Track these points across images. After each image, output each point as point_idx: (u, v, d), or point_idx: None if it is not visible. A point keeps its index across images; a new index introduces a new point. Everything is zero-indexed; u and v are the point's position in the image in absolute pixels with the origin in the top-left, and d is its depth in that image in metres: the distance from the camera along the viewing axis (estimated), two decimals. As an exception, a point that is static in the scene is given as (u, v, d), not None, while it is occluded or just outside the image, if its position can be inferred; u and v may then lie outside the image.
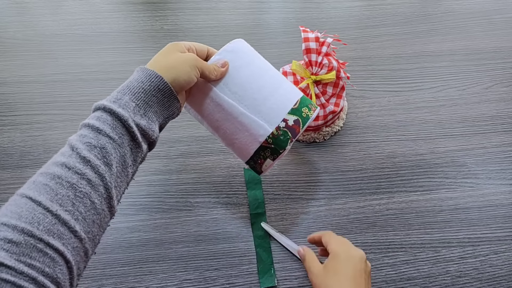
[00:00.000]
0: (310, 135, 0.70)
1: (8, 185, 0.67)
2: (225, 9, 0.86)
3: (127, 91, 0.40)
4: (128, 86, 0.41)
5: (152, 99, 0.41)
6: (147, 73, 0.41)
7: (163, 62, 0.43)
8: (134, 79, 0.41)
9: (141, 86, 0.40)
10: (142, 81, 0.41)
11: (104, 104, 0.39)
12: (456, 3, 0.86)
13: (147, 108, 0.41)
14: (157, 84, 0.41)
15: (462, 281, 0.60)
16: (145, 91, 0.41)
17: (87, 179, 0.35)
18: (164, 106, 0.43)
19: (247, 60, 0.51)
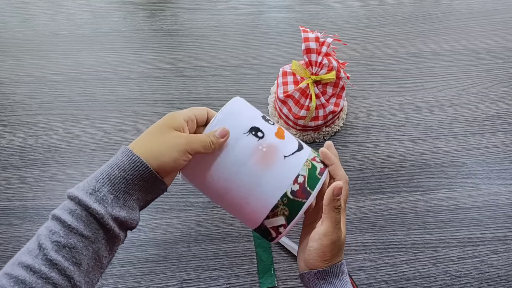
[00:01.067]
0: (310, 135, 0.70)
1: (8, 185, 0.67)
2: (224, 9, 0.86)
3: (107, 181, 0.37)
4: (108, 174, 0.37)
5: (134, 187, 0.38)
6: (132, 159, 0.38)
7: (151, 145, 0.39)
8: (116, 164, 0.38)
9: (123, 176, 0.37)
10: (125, 169, 0.37)
11: (79, 198, 0.35)
12: (456, 3, 0.86)
13: (127, 197, 0.37)
14: (141, 173, 0.37)
15: (462, 281, 0.60)
16: (126, 180, 0.37)
17: (53, 283, 0.33)
18: (147, 191, 0.39)
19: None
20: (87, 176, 0.69)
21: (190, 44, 0.81)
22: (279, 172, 0.42)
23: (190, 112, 0.42)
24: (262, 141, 0.42)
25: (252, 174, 0.41)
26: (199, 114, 0.43)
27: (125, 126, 0.72)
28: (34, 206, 0.65)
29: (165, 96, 0.75)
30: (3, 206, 0.65)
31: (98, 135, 0.71)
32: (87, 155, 0.70)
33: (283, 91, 0.67)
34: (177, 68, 0.78)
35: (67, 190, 0.37)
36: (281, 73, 0.69)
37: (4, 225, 0.64)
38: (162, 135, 0.40)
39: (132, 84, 0.77)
